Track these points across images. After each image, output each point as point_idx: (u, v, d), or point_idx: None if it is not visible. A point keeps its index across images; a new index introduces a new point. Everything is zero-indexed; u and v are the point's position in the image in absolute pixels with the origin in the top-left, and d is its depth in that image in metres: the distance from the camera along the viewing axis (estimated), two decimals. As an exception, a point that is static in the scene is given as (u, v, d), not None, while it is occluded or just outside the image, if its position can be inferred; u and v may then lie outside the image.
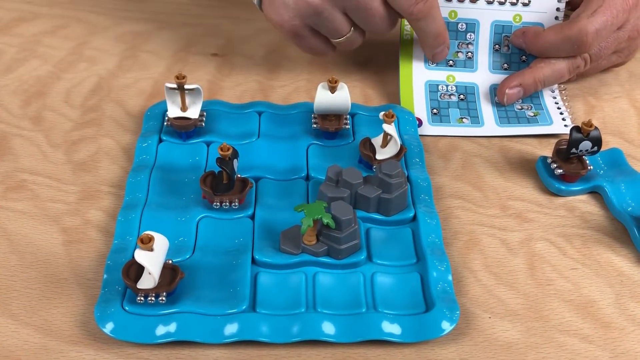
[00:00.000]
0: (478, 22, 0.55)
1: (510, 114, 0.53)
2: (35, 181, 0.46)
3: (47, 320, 0.38)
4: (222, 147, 0.42)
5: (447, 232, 0.44)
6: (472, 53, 0.55)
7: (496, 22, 0.55)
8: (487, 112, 0.53)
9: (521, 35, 0.54)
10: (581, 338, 0.39)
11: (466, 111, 0.53)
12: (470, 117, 0.53)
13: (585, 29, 0.50)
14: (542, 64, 0.53)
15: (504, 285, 0.41)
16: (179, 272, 0.37)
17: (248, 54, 0.59)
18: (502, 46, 0.55)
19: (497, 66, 0.55)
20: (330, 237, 0.41)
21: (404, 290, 0.39)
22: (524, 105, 0.53)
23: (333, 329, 0.37)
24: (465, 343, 0.38)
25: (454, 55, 0.55)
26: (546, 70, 0.53)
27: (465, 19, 0.55)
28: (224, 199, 0.43)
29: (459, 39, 0.55)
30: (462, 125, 0.52)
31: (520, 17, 0.54)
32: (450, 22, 0.54)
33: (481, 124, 0.52)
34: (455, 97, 0.54)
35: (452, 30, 0.55)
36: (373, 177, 0.44)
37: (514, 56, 0.55)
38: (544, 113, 0.53)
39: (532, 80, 0.53)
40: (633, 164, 0.50)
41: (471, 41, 0.55)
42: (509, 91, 0.53)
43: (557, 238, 0.44)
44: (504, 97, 0.53)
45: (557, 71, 0.53)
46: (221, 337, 0.36)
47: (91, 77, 0.56)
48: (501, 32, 0.55)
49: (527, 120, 0.52)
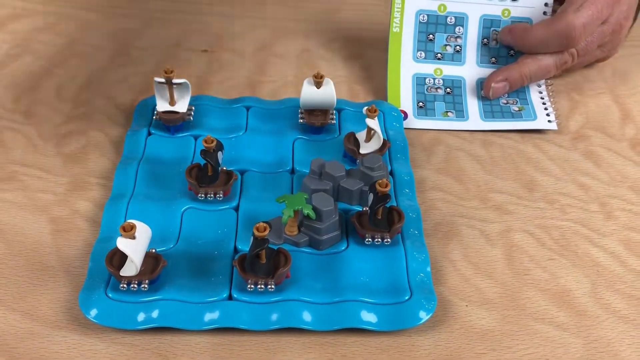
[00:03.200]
0: (467, 16, 0.55)
1: (495, 109, 0.54)
2: (26, 172, 0.47)
3: (33, 306, 0.39)
4: (206, 140, 0.43)
5: (428, 224, 0.45)
6: (460, 47, 0.55)
7: (485, 16, 0.55)
8: (473, 106, 0.54)
9: (508, 32, 0.54)
10: (555, 326, 0.40)
11: (452, 105, 0.54)
12: (456, 111, 0.53)
13: (572, 23, 0.51)
14: (528, 60, 0.53)
15: (482, 275, 0.42)
16: (162, 260, 0.38)
17: (237, 51, 0.60)
18: (491, 40, 0.56)
19: (485, 60, 0.56)
20: (311, 228, 0.42)
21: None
22: (509, 100, 0.54)
23: (311, 317, 0.38)
24: (441, 330, 0.39)
25: (442, 48, 0.55)
26: (533, 65, 0.53)
27: (455, 13, 0.55)
28: (209, 191, 0.44)
29: (447, 32, 0.55)
30: (447, 119, 0.53)
31: (509, 12, 0.55)
32: (439, 15, 0.55)
33: (466, 117, 0.53)
34: (441, 90, 0.54)
35: (440, 24, 0.55)
36: (355, 171, 0.45)
37: (502, 50, 0.56)
38: (528, 108, 0.54)
39: (518, 75, 0.53)
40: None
41: (460, 35, 0.55)
42: (495, 85, 0.53)
43: (535, 229, 0.45)
44: (489, 91, 0.54)
45: (544, 67, 0.53)
46: (202, 324, 0.37)
47: (83, 72, 0.57)
48: (490, 26, 0.55)
49: (511, 115, 0.53)
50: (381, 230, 0.42)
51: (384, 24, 0.63)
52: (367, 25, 0.64)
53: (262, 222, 0.38)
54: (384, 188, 0.41)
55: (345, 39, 0.62)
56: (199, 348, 0.38)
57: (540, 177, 0.49)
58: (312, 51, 0.60)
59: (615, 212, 0.47)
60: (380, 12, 0.65)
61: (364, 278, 0.40)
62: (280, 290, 0.39)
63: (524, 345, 0.39)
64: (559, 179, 0.49)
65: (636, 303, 0.41)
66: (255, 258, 0.38)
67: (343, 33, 0.63)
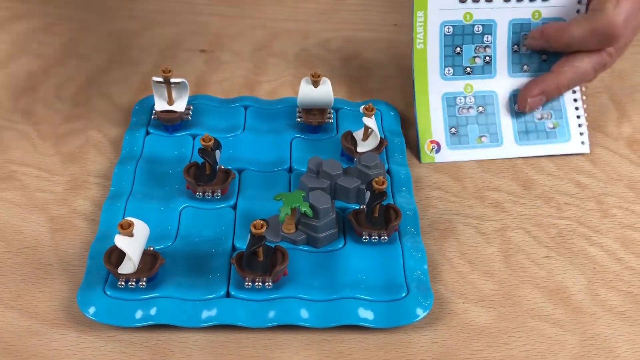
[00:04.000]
0: (495, 22, 0.52)
1: (530, 127, 0.51)
2: (25, 172, 0.48)
3: (32, 304, 0.39)
4: (204, 138, 0.43)
5: (425, 222, 0.45)
6: (490, 57, 0.52)
7: (514, 21, 0.52)
8: (507, 126, 0.51)
9: (539, 34, 0.51)
10: (552, 323, 0.40)
11: (485, 127, 0.51)
12: (489, 134, 0.51)
13: (614, 20, 0.47)
14: (565, 68, 0.50)
15: (479, 273, 0.42)
16: (159, 258, 0.39)
17: (236, 50, 0.60)
18: (522, 46, 0.52)
19: (516, 69, 0.52)
20: (308, 225, 0.42)
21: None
22: (544, 114, 0.52)
23: (308, 315, 0.38)
24: (438, 327, 0.39)
25: (471, 61, 0.52)
26: (570, 73, 0.50)
27: (481, 21, 0.52)
28: (207, 189, 0.44)
29: (475, 42, 0.52)
30: (481, 145, 0.50)
31: (540, 14, 0.52)
32: (466, 25, 0.51)
33: (500, 141, 0.51)
34: (473, 110, 0.51)
35: (467, 34, 0.52)
36: (352, 169, 0.45)
37: (534, 56, 0.52)
38: (562, 124, 0.51)
39: (555, 86, 0.50)
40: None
41: (489, 44, 0.52)
42: (531, 100, 0.51)
43: (532, 227, 0.45)
44: (525, 106, 0.51)
45: (582, 73, 0.50)
46: (199, 321, 0.38)
47: (81, 72, 0.57)
48: (519, 31, 0.52)
49: (545, 135, 0.51)
50: (378, 228, 0.42)
51: (382, 24, 0.64)
52: (365, 25, 0.64)
53: (259, 220, 0.38)
54: (381, 186, 0.41)
55: (343, 39, 0.62)
56: (196, 345, 0.38)
57: (537, 175, 0.49)
58: (310, 51, 0.61)
59: (612, 210, 0.47)
60: (378, 12, 0.65)
61: (361, 275, 0.40)
62: (278, 287, 0.39)
63: (521, 342, 0.39)
64: (555, 178, 0.49)
65: (632, 300, 0.41)
66: (252, 255, 0.38)
67: (341, 33, 0.63)
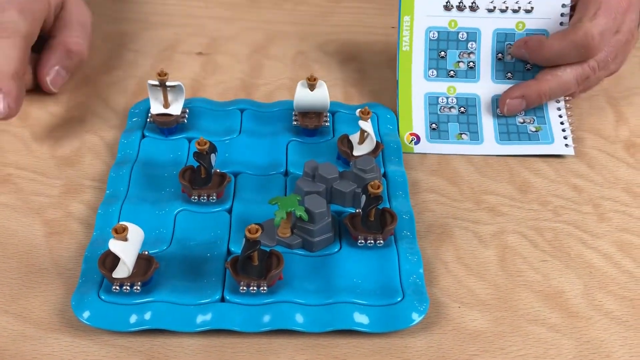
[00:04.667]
0: (479, 30, 0.53)
1: (512, 129, 0.52)
2: (20, 175, 0.47)
3: (26, 308, 0.39)
4: (199, 142, 0.43)
5: (421, 225, 0.45)
6: (473, 63, 0.53)
7: (498, 30, 0.53)
8: (488, 127, 0.52)
9: (523, 45, 0.52)
10: (548, 327, 0.40)
11: (466, 125, 0.52)
12: (470, 133, 0.51)
13: (590, 32, 0.49)
14: (548, 76, 0.51)
15: (475, 276, 0.42)
16: (154, 262, 0.38)
17: (232, 53, 0.60)
18: (505, 55, 0.53)
19: (500, 76, 0.53)
20: (304, 229, 0.42)
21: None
22: (526, 119, 0.52)
23: (303, 319, 0.38)
24: (434, 332, 0.39)
25: (455, 65, 0.53)
26: (552, 82, 0.51)
27: (466, 28, 0.53)
28: (202, 193, 0.44)
29: (459, 48, 0.53)
30: (461, 142, 0.51)
31: (524, 24, 0.53)
32: (451, 31, 0.53)
33: (480, 140, 0.51)
34: (455, 109, 0.52)
35: (452, 40, 0.53)
36: (348, 173, 0.45)
37: (518, 65, 0.53)
38: (546, 128, 0.52)
39: (536, 93, 0.51)
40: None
41: (473, 50, 0.53)
42: (510, 101, 0.51)
43: (529, 231, 0.45)
44: (504, 107, 0.51)
45: (564, 83, 0.51)
46: (194, 326, 0.37)
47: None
48: (504, 40, 0.53)
49: (527, 137, 0.51)
50: (374, 232, 0.42)
51: (379, 27, 0.64)
52: (362, 28, 0.64)
53: (254, 224, 0.38)
54: (376, 190, 0.41)
55: (340, 42, 0.62)
56: (191, 350, 0.38)
57: (533, 178, 0.49)
58: (306, 54, 0.61)
59: (609, 213, 0.47)
60: (375, 15, 0.65)
61: (357, 280, 0.40)
62: (273, 292, 0.39)
63: (517, 347, 0.39)
64: (552, 181, 0.49)
65: (629, 304, 0.41)
66: (247, 260, 0.38)
67: (338, 36, 0.63)
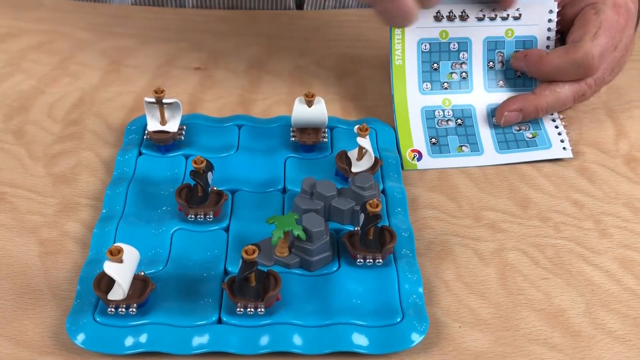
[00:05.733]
0: (470, 40, 0.53)
1: (509, 137, 0.52)
2: (15, 194, 0.47)
3: (20, 330, 0.39)
4: (195, 160, 0.43)
5: (421, 243, 0.45)
6: (466, 73, 0.53)
7: (488, 38, 0.53)
8: (486, 137, 0.52)
9: (523, 58, 0.52)
10: (550, 347, 0.39)
11: (465, 137, 0.52)
12: (470, 144, 0.51)
13: (591, 52, 0.49)
14: (546, 92, 0.51)
15: (475, 295, 0.42)
16: (150, 283, 0.38)
17: (230, 68, 0.60)
18: (496, 63, 0.54)
19: (492, 84, 0.54)
20: (302, 249, 0.41)
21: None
22: (522, 127, 0.52)
23: (301, 341, 0.37)
24: (434, 353, 0.39)
25: (448, 76, 0.53)
26: (550, 97, 0.51)
27: (457, 38, 0.53)
28: (199, 212, 0.44)
29: (451, 59, 0.53)
30: (462, 154, 0.51)
31: (513, 32, 0.53)
32: (442, 42, 0.53)
33: (481, 151, 0.51)
34: (452, 122, 0.52)
35: (444, 51, 0.53)
36: (347, 190, 0.45)
37: (509, 72, 0.54)
38: (542, 134, 0.52)
39: (533, 107, 0.51)
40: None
41: (464, 60, 0.53)
42: (508, 114, 0.51)
43: (529, 248, 0.45)
44: (502, 118, 0.52)
45: (562, 99, 0.52)
46: (190, 349, 0.37)
47: (74, 91, 0.57)
48: (494, 48, 0.54)
49: (526, 144, 0.51)
50: (373, 250, 0.42)
51: (377, 41, 0.64)
52: (360, 43, 0.64)
53: (250, 245, 0.37)
54: (375, 208, 0.40)
55: (338, 57, 0.62)
56: (187, 373, 0.37)
57: (534, 194, 0.49)
58: (304, 68, 0.60)
59: (610, 229, 0.46)
60: (374, 29, 0.65)
61: (356, 300, 0.40)
62: (271, 313, 0.38)
63: (518, 368, 0.38)
64: (552, 197, 0.49)
65: (631, 323, 0.41)
66: (244, 281, 0.38)
67: (336, 51, 0.63)
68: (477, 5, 0.53)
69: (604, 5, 0.51)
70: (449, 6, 0.53)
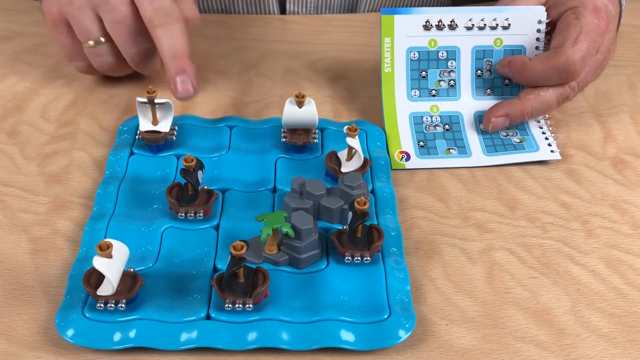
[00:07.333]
0: (458, 49, 0.54)
1: (497, 142, 0.52)
2: (7, 192, 0.47)
3: (9, 326, 0.39)
4: (185, 159, 0.43)
5: (409, 242, 0.45)
6: (454, 81, 0.54)
7: (477, 47, 0.54)
8: (474, 141, 0.52)
9: (507, 65, 0.53)
10: (536, 344, 0.39)
11: (452, 141, 0.52)
12: (457, 148, 0.52)
13: (572, 57, 0.50)
14: (531, 96, 0.52)
15: (462, 293, 0.42)
16: (139, 279, 0.38)
17: (223, 71, 0.60)
18: (485, 71, 0.54)
19: (480, 92, 0.54)
20: (290, 246, 0.42)
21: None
22: (509, 132, 0.53)
23: (289, 337, 0.38)
24: (421, 349, 0.39)
25: (436, 84, 0.54)
26: (535, 101, 0.52)
27: (446, 47, 0.54)
28: (189, 210, 0.44)
29: (440, 67, 0.54)
30: (450, 156, 0.51)
31: (501, 41, 0.54)
32: (431, 51, 0.54)
33: (469, 154, 0.52)
34: (440, 127, 0.53)
35: (432, 60, 0.54)
36: (336, 189, 0.45)
37: (497, 80, 0.54)
38: (529, 139, 0.52)
39: (519, 112, 0.52)
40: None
41: (453, 69, 0.54)
42: (495, 119, 0.52)
43: (517, 248, 0.45)
44: (489, 125, 0.52)
45: (546, 103, 0.52)
46: (179, 344, 0.37)
47: (68, 92, 0.57)
48: (482, 57, 0.54)
49: (513, 147, 0.52)
50: (361, 248, 0.42)
51: (368, 45, 0.64)
52: (352, 46, 0.64)
53: (239, 241, 0.38)
54: (362, 206, 0.41)
55: (330, 60, 0.62)
56: (176, 368, 0.37)
57: (522, 195, 0.49)
58: (296, 72, 0.61)
59: (597, 230, 0.47)
60: (365, 33, 0.66)
61: (343, 297, 0.40)
62: (259, 309, 0.39)
63: (504, 364, 0.38)
64: (540, 198, 0.49)
65: (616, 321, 0.41)
66: (233, 277, 0.38)
67: (328, 54, 0.63)
68: (466, 14, 0.54)
69: (584, 9, 0.52)
70: (438, 15, 0.53)
